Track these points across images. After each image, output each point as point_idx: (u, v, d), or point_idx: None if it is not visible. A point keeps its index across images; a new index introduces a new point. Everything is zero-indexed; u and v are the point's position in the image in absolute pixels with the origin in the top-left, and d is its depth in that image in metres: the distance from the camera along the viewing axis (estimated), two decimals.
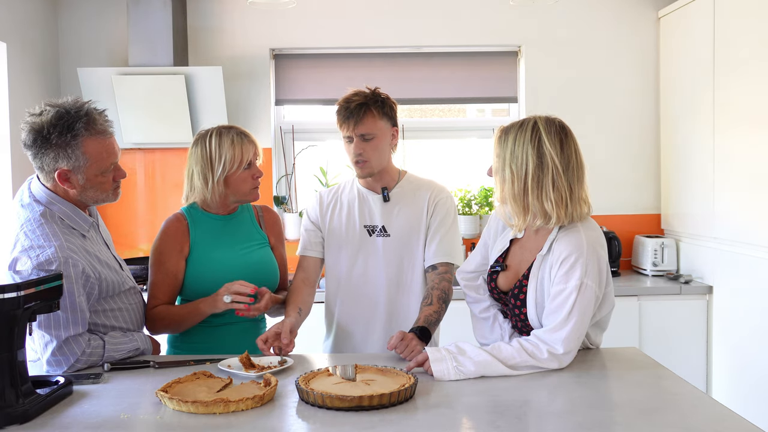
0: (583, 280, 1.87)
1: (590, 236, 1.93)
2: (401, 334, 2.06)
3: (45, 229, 1.89)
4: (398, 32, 4.20)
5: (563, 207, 1.90)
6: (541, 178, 1.90)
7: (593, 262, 1.90)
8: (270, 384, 1.72)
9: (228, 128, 2.28)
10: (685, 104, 3.91)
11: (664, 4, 4.15)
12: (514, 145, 1.92)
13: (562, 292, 1.89)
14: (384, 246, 2.35)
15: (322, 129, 4.36)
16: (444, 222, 2.36)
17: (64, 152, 1.89)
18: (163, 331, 2.26)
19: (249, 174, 2.27)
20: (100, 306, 2.00)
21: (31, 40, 3.82)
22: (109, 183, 1.99)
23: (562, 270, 1.90)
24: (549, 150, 1.89)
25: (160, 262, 2.24)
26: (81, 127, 1.89)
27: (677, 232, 4.07)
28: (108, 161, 1.95)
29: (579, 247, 1.90)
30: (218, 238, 2.29)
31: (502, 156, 1.95)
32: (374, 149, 2.30)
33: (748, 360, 3.37)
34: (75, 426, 1.54)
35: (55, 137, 1.87)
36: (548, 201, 1.89)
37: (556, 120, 1.96)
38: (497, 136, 1.98)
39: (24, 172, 3.61)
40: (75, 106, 1.92)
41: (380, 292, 2.36)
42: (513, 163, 1.92)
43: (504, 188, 1.95)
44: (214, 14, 4.17)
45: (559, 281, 1.90)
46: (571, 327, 1.86)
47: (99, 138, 1.92)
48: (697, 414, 1.60)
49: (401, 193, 2.39)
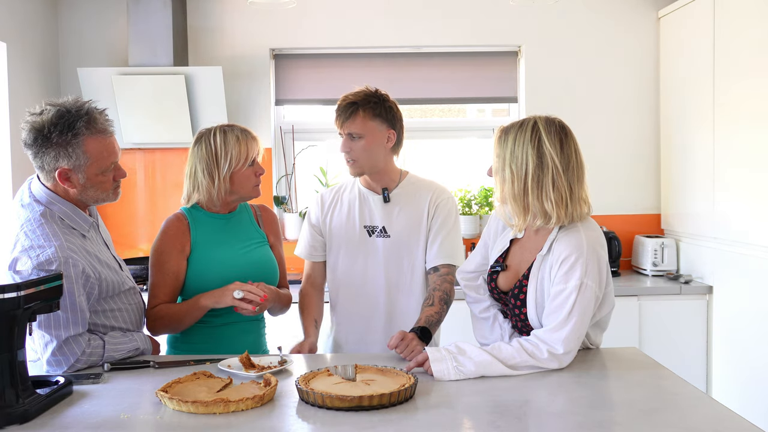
0: (583, 280, 1.87)
1: (590, 236, 1.93)
2: (402, 334, 2.06)
3: (45, 229, 1.89)
4: (398, 32, 4.20)
5: (563, 207, 1.90)
6: (541, 178, 1.90)
7: (593, 262, 1.90)
8: (270, 384, 1.72)
9: (230, 126, 2.29)
10: (685, 104, 3.91)
11: (664, 4, 4.15)
12: (514, 145, 1.92)
13: (562, 292, 1.89)
14: (384, 247, 2.35)
15: (322, 129, 4.36)
16: (445, 224, 2.36)
17: (64, 151, 1.89)
18: (163, 330, 2.25)
19: (252, 171, 2.28)
20: (99, 306, 2.00)
21: (31, 40, 3.82)
22: (109, 182, 1.99)
23: (562, 270, 1.90)
24: (549, 150, 1.89)
25: (160, 263, 2.23)
26: (82, 126, 1.88)
27: (677, 232, 4.07)
28: (108, 160, 1.95)
29: (579, 247, 1.90)
30: (219, 238, 2.29)
31: (502, 156, 1.95)
32: (363, 149, 2.29)
33: (748, 360, 3.37)
34: (75, 426, 1.54)
35: (55, 136, 1.87)
36: (548, 201, 1.89)
37: (556, 120, 1.96)
38: (497, 136, 1.98)
39: (24, 172, 3.61)
40: (76, 106, 1.91)
41: (380, 293, 2.36)
42: (513, 163, 1.92)
43: (504, 188, 1.95)
44: (214, 14, 4.18)
45: (559, 281, 1.90)
46: (571, 327, 1.86)
47: (100, 137, 1.92)
48: (697, 414, 1.60)
49: (402, 194, 2.39)
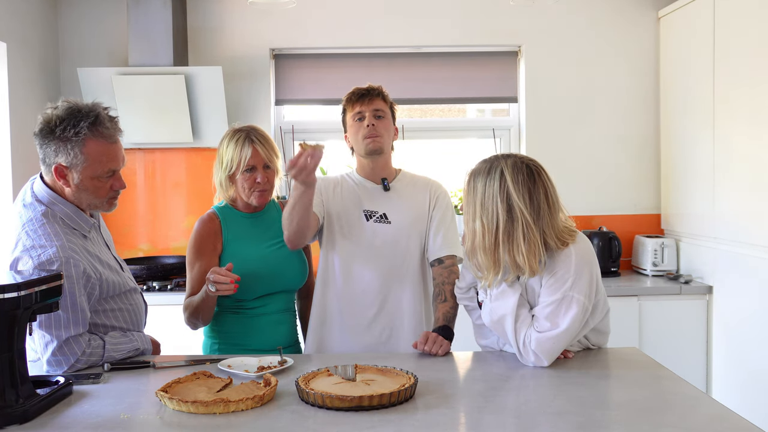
0: (568, 293, 1.89)
1: (579, 249, 1.94)
2: (426, 334, 2.12)
3: (47, 229, 1.89)
4: (398, 32, 4.20)
5: (535, 258, 1.89)
6: (511, 232, 1.88)
7: (584, 276, 1.91)
8: (270, 384, 1.72)
9: (240, 129, 2.32)
10: (685, 104, 3.91)
11: (664, 4, 4.15)
12: (483, 196, 1.91)
13: (551, 304, 1.91)
14: (383, 232, 2.36)
15: (322, 129, 4.36)
16: (446, 215, 2.41)
17: (64, 147, 1.89)
18: (190, 321, 2.30)
19: (249, 178, 2.29)
20: (100, 306, 2.00)
21: (31, 40, 3.82)
22: (104, 190, 1.97)
23: (551, 281, 1.92)
24: (517, 203, 1.88)
25: (192, 261, 2.32)
26: (86, 126, 1.89)
27: (677, 232, 4.07)
28: (106, 166, 1.94)
29: (567, 263, 1.91)
30: (249, 235, 2.34)
31: (472, 204, 1.94)
32: (385, 128, 2.37)
33: (747, 360, 3.37)
34: (75, 426, 1.54)
35: (59, 131, 1.88)
36: (520, 254, 1.88)
37: (524, 163, 1.93)
38: (466, 181, 1.99)
39: (24, 172, 3.61)
40: (87, 106, 1.93)
41: (375, 279, 2.34)
42: (483, 215, 1.90)
43: (475, 240, 1.93)
44: (214, 14, 4.18)
45: (547, 293, 1.92)
46: (554, 335, 1.89)
47: (101, 141, 1.92)
48: (697, 414, 1.60)
49: (401, 185, 2.43)
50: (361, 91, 2.39)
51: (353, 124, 2.38)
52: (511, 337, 1.94)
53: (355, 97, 2.38)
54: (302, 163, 2.03)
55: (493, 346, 2.14)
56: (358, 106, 2.36)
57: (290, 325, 2.42)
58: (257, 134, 2.30)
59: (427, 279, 2.41)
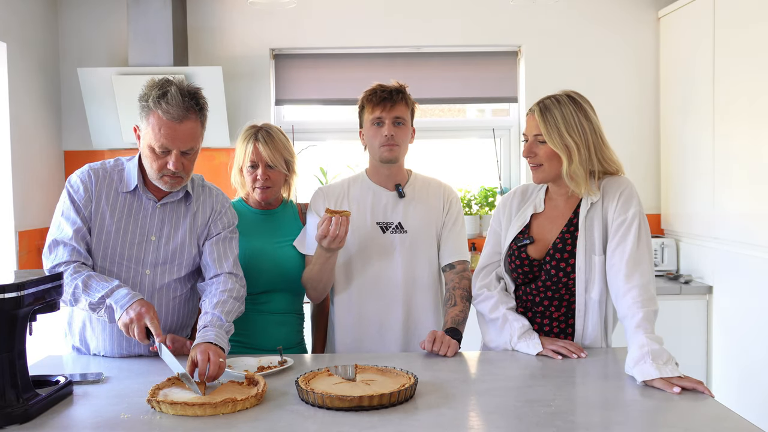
0: (639, 208, 2.07)
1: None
2: (434, 334, 2.10)
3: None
4: (398, 32, 4.20)
5: (611, 163, 2.11)
6: (596, 142, 2.08)
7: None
8: (254, 383, 1.74)
9: (252, 126, 2.37)
10: (685, 104, 3.91)
11: (664, 4, 4.15)
12: (564, 118, 2.05)
13: (624, 222, 2.04)
14: (401, 243, 2.33)
15: (322, 129, 4.36)
16: (458, 220, 2.40)
17: (141, 112, 2.02)
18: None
19: (251, 174, 2.33)
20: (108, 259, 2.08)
21: (31, 40, 3.82)
22: (158, 165, 2.02)
23: (621, 201, 2.06)
24: (592, 116, 2.09)
25: None
26: (153, 98, 1.98)
27: (677, 232, 4.07)
28: (158, 141, 1.98)
29: (630, 184, 2.11)
30: (256, 231, 2.35)
31: (555, 130, 2.04)
32: (403, 136, 2.33)
33: (747, 360, 3.37)
34: (75, 426, 1.54)
35: (142, 99, 2.01)
36: (605, 160, 2.09)
37: (574, 92, 2.14)
38: (539, 116, 2.07)
39: (24, 172, 3.61)
40: (163, 81, 2.02)
41: (397, 291, 2.32)
42: (573, 134, 2.04)
43: (573, 158, 2.04)
44: (214, 14, 4.18)
45: (620, 213, 2.06)
46: (645, 265, 2.00)
47: (161, 116, 1.97)
48: (697, 414, 1.60)
49: (414, 189, 2.40)
50: (383, 94, 2.27)
51: (371, 127, 2.30)
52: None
53: (376, 99, 2.28)
54: (333, 233, 2.10)
55: (504, 346, 2.13)
56: (378, 110, 2.27)
57: (293, 327, 2.41)
58: (263, 133, 2.32)
59: (442, 283, 2.41)
